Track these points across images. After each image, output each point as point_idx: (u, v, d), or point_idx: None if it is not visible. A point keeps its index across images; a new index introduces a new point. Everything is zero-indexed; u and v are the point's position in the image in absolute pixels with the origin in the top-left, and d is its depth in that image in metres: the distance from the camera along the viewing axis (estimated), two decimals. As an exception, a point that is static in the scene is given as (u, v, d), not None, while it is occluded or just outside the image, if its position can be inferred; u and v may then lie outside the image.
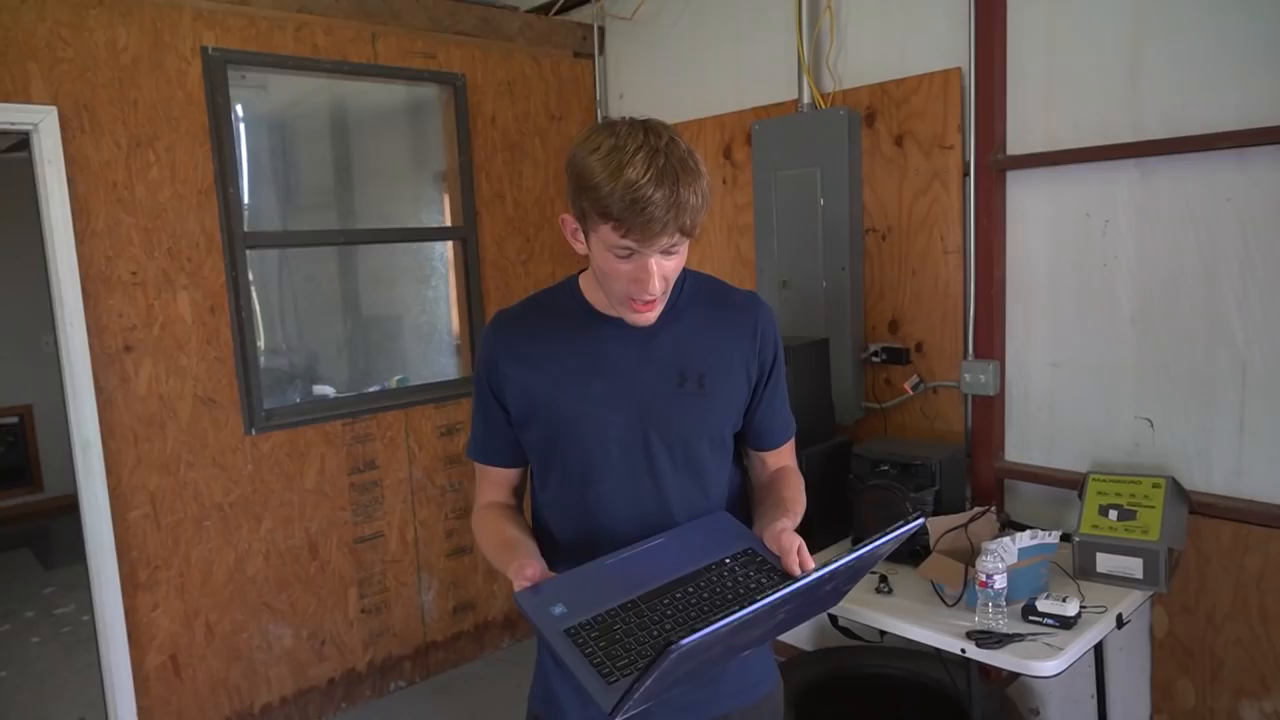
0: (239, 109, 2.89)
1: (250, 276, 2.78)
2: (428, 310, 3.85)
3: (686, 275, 1.33)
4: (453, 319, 3.50)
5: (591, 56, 3.62)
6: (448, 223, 3.76)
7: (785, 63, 2.95)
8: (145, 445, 2.61)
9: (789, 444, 1.46)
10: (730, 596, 1.12)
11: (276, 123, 3.22)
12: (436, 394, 3.27)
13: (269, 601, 2.89)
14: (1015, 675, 2.05)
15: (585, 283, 1.34)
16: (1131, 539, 2.09)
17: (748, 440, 1.42)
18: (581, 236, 1.21)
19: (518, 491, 1.44)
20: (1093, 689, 2.45)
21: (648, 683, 0.89)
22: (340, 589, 3.05)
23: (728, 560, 1.18)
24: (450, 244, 3.41)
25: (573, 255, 3.62)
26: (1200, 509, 2.19)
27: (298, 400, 3.06)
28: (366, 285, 3.83)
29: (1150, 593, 2.11)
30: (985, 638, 1.88)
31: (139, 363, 2.59)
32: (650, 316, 1.23)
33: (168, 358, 2.63)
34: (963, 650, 1.90)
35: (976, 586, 1.93)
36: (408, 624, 3.24)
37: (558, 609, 1.09)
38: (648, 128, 1.14)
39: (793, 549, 1.16)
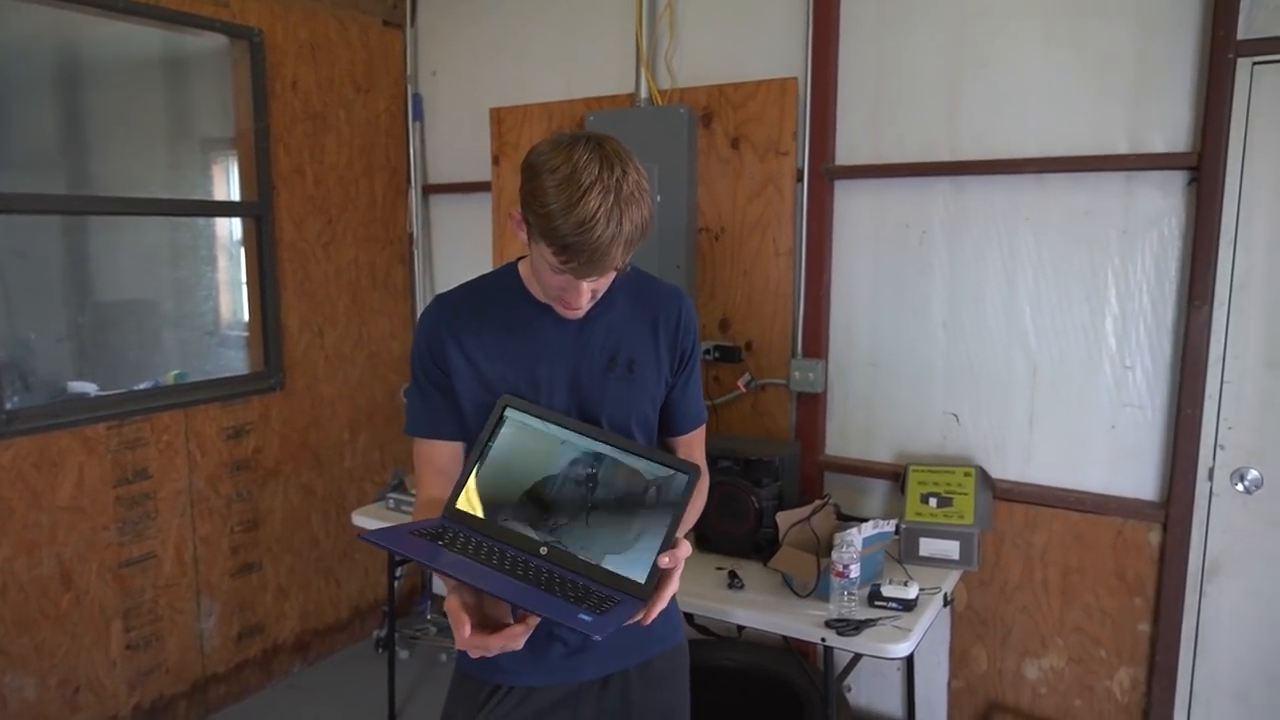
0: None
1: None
2: (197, 296, 3.38)
3: None
4: (240, 307, 3.08)
5: (402, 26, 3.35)
6: (218, 196, 3.33)
7: (620, 55, 2.91)
8: None
9: (698, 432, 1.52)
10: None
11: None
12: (223, 391, 2.86)
13: (5, 647, 2.36)
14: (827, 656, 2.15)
15: (524, 271, 1.40)
16: (950, 524, 2.30)
17: (662, 426, 1.49)
18: (524, 235, 1.27)
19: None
20: (898, 662, 2.66)
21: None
22: (100, 623, 2.57)
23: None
24: (234, 222, 3.00)
25: (376, 242, 3.34)
26: (999, 494, 2.45)
27: (48, 400, 2.53)
28: (106, 266, 3.29)
29: (963, 571, 2.32)
30: (843, 626, 1.96)
31: None
32: (578, 314, 1.33)
33: None
34: (823, 640, 1.97)
35: (833, 577, 2.01)
36: (183, 657, 2.80)
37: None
38: (604, 157, 1.18)
39: (671, 585, 1.19)
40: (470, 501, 1.28)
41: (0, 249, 2.65)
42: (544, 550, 1.23)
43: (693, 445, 1.51)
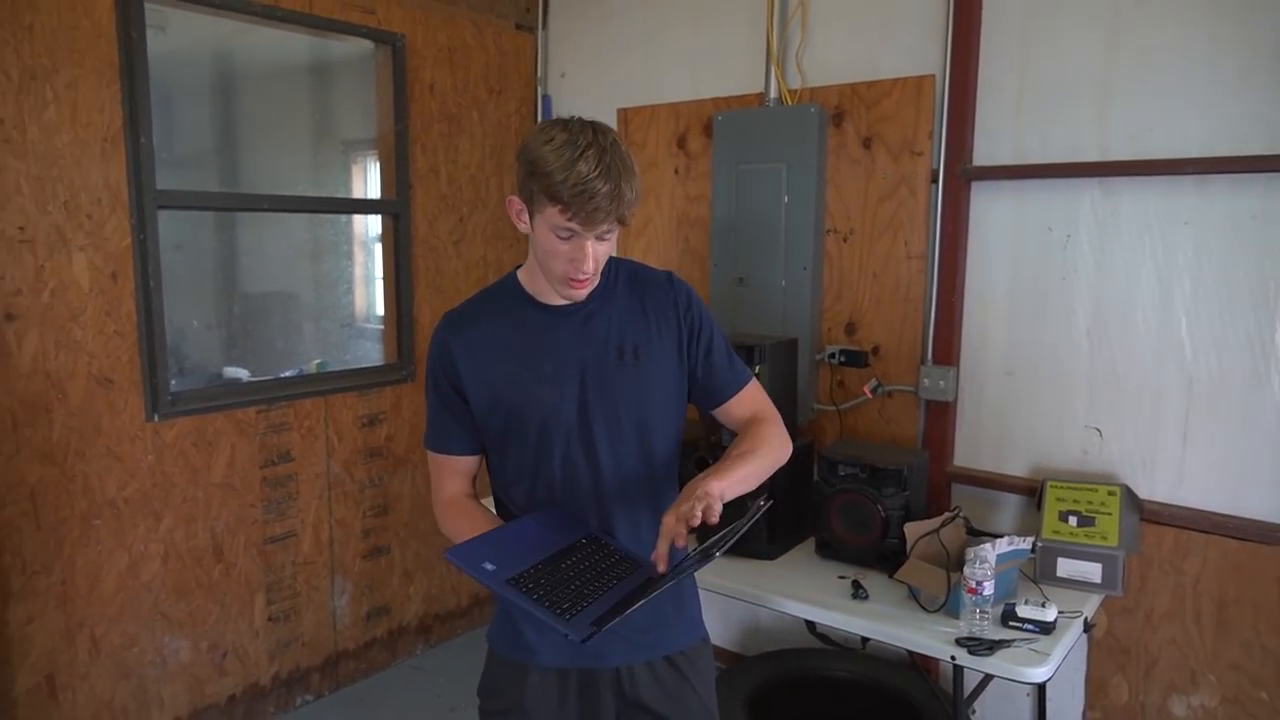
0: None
1: (161, 241, 2.43)
2: (338, 290, 3.56)
3: (612, 263, 1.49)
4: (375, 301, 3.23)
5: (533, 30, 3.43)
6: (355, 195, 3.49)
7: (749, 54, 2.89)
8: (26, 430, 2.23)
9: (748, 391, 1.55)
10: (604, 569, 1.36)
11: (164, 70, 2.85)
12: (359, 381, 3.00)
13: (165, 611, 2.55)
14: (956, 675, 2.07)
15: (524, 275, 1.48)
16: (1092, 545, 2.17)
17: (704, 403, 1.55)
18: (526, 218, 1.36)
19: (475, 480, 1.55)
20: (1028, 688, 2.54)
21: (624, 616, 1.18)
22: (246, 595, 2.74)
23: (584, 540, 1.41)
24: (371, 219, 3.14)
25: (504, 240, 3.42)
26: (1146, 515, 2.30)
27: (205, 384, 2.72)
28: (253, 260, 3.51)
29: (1105, 595, 2.19)
30: (975, 645, 1.88)
31: (23, 334, 2.21)
32: (584, 293, 1.39)
33: (58, 329, 2.26)
34: (952, 657, 1.90)
35: (965, 593, 1.93)
36: (318, 632, 2.96)
37: (489, 565, 1.26)
38: (595, 128, 1.31)
39: (664, 539, 1.25)
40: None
41: (162, 243, 2.88)
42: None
43: (745, 404, 1.53)
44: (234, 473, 2.67)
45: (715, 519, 1.23)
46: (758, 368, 2.41)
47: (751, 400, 1.55)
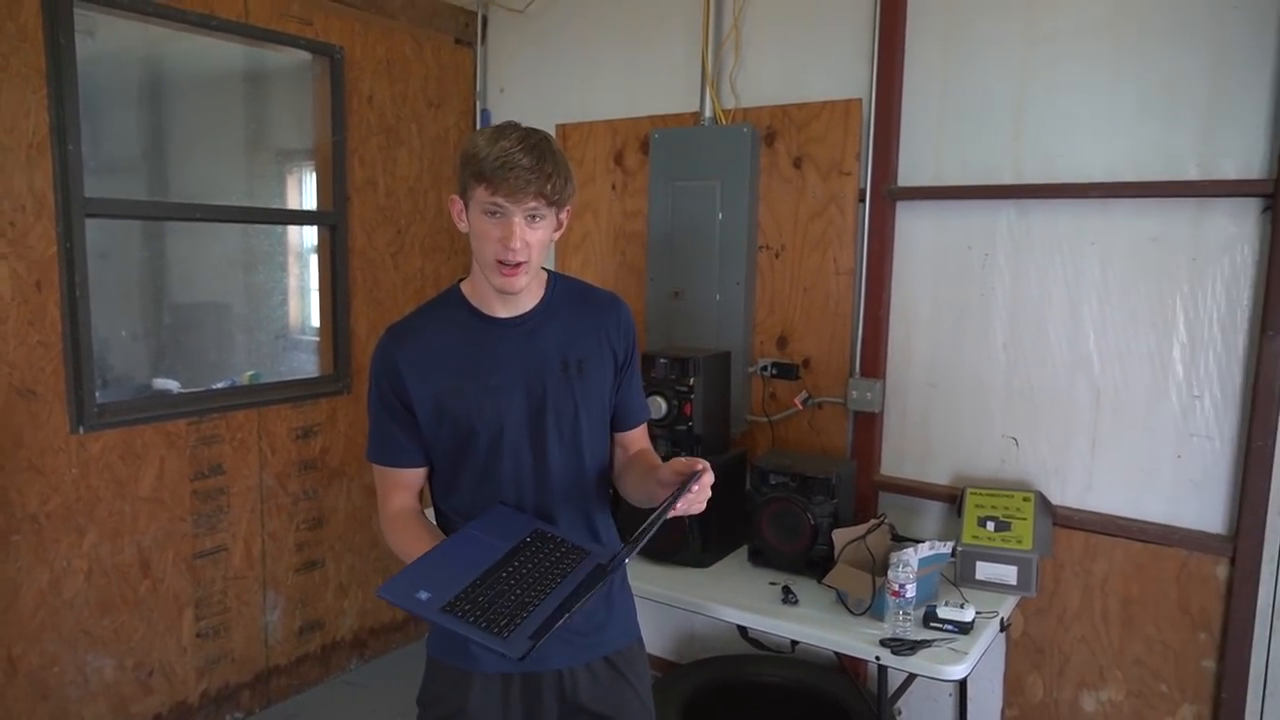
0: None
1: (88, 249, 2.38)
2: (271, 301, 3.52)
3: (556, 279, 1.55)
4: (310, 312, 3.20)
5: (473, 45, 3.46)
6: (290, 205, 3.46)
7: (685, 74, 2.97)
8: (-59, 444, 2.17)
9: (644, 427, 1.67)
10: (549, 565, 1.38)
11: (93, 75, 2.80)
12: (294, 393, 2.97)
13: (89, 628, 2.48)
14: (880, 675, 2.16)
15: (467, 287, 1.51)
16: (1008, 548, 2.28)
17: (613, 424, 1.61)
18: (464, 214, 1.41)
19: (420, 494, 1.56)
20: (951, 687, 2.64)
21: (556, 627, 1.21)
22: (174, 610, 2.68)
23: (528, 539, 1.42)
24: (307, 230, 3.12)
25: (442, 253, 3.43)
26: (1058, 520, 2.42)
27: (134, 395, 2.67)
28: (182, 270, 3.45)
29: (1021, 597, 2.30)
30: (898, 645, 1.96)
31: (-62, 344, 2.15)
32: (517, 282, 1.40)
33: (-23, 340, 2.21)
34: (877, 658, 1.97)
35: (888, 596, 2.01)
36: (249, 648, 2.91)
37: (423, 595, 1.27)
38: (528, 129, 1.37)
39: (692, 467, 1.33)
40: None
41: (90, 251, 2.81)
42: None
43: (641, 435, 1.65)
44: (163, 486, 2.62)
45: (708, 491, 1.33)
46: (692, 380, 2.48)
47: (643, 433, 1.66)
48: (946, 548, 2.20)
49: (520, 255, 1.36)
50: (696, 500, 1.32)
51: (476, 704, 1.49)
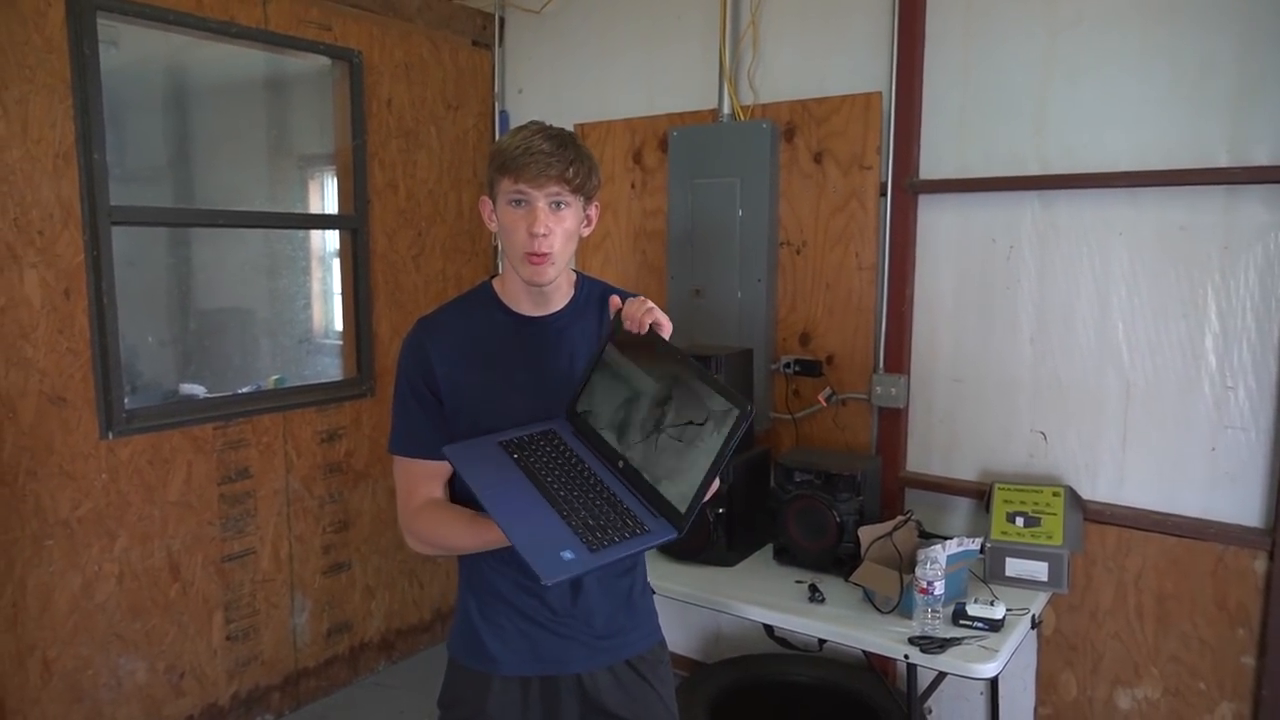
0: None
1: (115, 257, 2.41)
2: (295, 305, 3.54)
3: (585, 281, 1.55)
4: (333, 316, 3.22)
5: (490, 46, 3.47)
6: (312, 210, 3.48)
7: (702, 71, 2.96)
8: (-25, 451, 2.20)
9: None
10: (561, 460, 1.36)
11: (117, 85, 2.83)
12: (318, 397, 2.99)
13: (120, 632, 2.51)
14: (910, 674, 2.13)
15: (498, 284, 1.51)
16: (1038, 544, 2.24)
17: None
18: (493, 211, 1.42)
19: (444, 486, 1.51)
20: (983, 686, 2.61)
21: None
22: (204, 614, 2.71)
23: (513, 456, 1.37)
24: (329, 234, 3.14)
25: (463, 254, 3.44)
26: (1089, 515, 2.38)
27: (161, 401, 2.69)
28: (208, 276, 3.48)
29: (1052, 593, 2.27)
30: (927, 643, 1.94)
31: (-29, 353, 2.18)
32: (546, 272, 1.39)
33: (9, 347, 2.23)
34: (906, 656, 1.95)
35: (916, 593, 1.99)
36: (278, 650, 2.93)
37: (567, 554, 1.20)
38: (553, 127, 1.39)
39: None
40: (586, 401, 1.40)
41: (116, 259, 2.85)
42: (621, 465, 1.33)
43: None
44: (191, 490, 2.64)
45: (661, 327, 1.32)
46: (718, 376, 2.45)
47: None
48: (975, 544, 2.17)
49: (546, 244, 1.36)
50: (639, 318, 1.31)
51: (495, 706, 1.48)
